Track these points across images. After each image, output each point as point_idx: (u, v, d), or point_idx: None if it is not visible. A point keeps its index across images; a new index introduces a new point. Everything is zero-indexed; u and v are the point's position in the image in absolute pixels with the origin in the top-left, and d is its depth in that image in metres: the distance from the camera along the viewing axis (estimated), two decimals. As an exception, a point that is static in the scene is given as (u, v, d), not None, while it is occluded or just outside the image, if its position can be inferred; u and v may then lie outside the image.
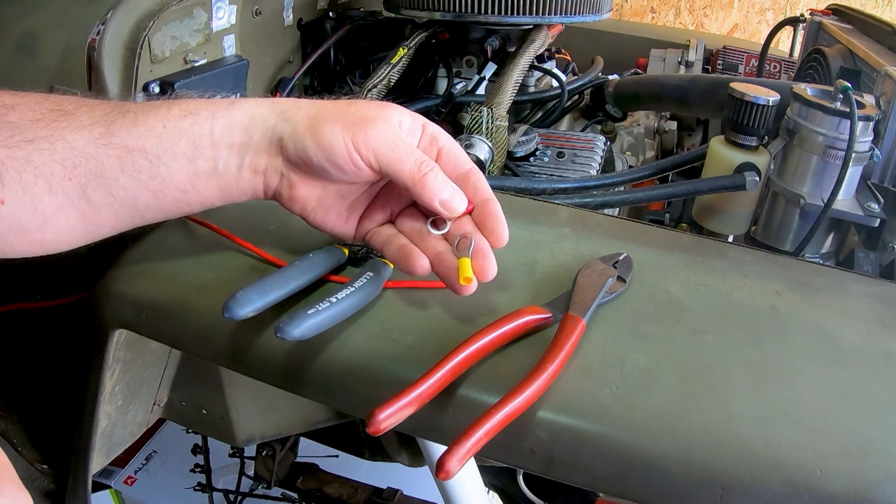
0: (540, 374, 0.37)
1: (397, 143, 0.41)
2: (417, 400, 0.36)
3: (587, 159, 0.80)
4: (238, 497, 1.05)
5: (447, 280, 0.41)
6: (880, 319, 0.46)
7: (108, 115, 0.40)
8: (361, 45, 0.98)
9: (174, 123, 0.41)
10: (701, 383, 0.40)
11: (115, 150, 0.40)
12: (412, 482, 1.04)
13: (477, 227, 0.42)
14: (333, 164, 0.41)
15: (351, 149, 0.40)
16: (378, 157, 0.41)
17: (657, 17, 2.40)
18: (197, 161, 0.41)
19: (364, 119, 0.41)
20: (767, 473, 0.35)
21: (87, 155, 0.39)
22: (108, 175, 0.40)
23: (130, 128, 0.40)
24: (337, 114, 0.41)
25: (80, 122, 0.40)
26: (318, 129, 0.41)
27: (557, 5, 0.82)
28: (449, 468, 0.33)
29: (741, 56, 1.10)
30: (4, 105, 0.39)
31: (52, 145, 0.38)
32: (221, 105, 0.42)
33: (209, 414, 0.63)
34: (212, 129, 0.41)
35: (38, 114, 0.39)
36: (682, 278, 0.49)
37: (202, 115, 0.41)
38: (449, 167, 0.43)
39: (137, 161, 0.40)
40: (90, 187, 0.40)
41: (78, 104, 0.41)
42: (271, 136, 0.42)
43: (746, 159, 0.65)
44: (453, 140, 0.44)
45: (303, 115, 0.42)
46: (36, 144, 0.38)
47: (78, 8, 0.64)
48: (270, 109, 0.42)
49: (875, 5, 2.24)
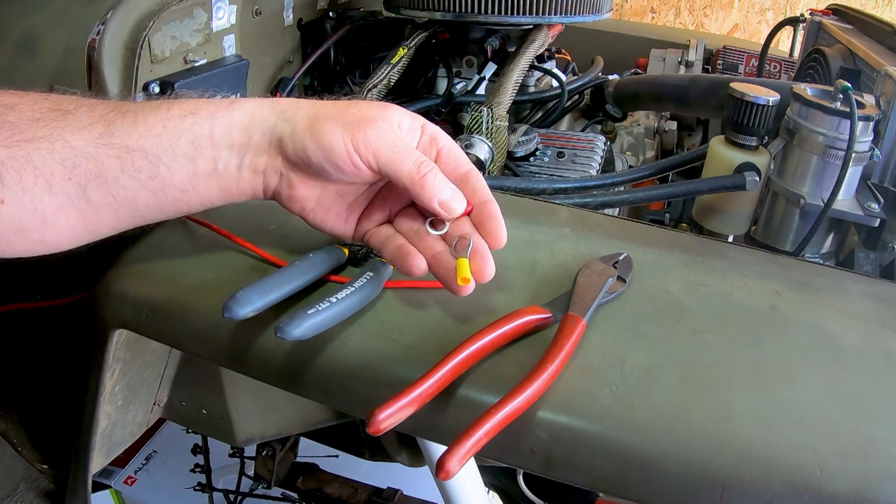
0: (540, 374, 0.37)
1: (397, 143, 0.41)
2: (417, 400, 0.36)
3: (587, 159, 0.80)
4: (238, 497, 1.05)
5: (444, 281, 0.41)
6: (880, 319, 0.46)
7: (107, 115, 0.40)
8: (361, 45, 0.98)
9: (174, 123, 0.41)
10: (701, 383, 0.40)
11: (115, 149, 0.39)
12: (412, 482, 1.04)
13: (475, 228, 0.42)
14: (332, 165, 0.41)
15: (350, 149, 0.40)
16: (377, 158, 0.41)
17: (657, 17, 2.40)
18: (197, 161, 0.41)
19: (364, 119, 0.41)
20: (767, 473, 0.35)
21: (87, 155, 0.39)
22: (108, 175, 0.39)
23: (130, 128, 0.40)
24: (337, 114, 0.41)
25: (79, 121, 0.40)
26: (318, 129, 0.41)
27: (557, 5, 0.82)
28: (449, 468, 0.33)
29: (741, 56, 1.10)
30: (4, 104, 0.39)
31: (52, 145, 0.38)
32: (221, 105, 0.42)
33: (209, 414, 0.63)
34: (212, 130, 0.41)
35: (37, 113, 0.39)
36: (682, 278, 0.49)
37: (202, 115, 0.41)
38: (448, 168, 0.43)
39: (137, 161, 0.40)
40: (90, 187, 0.39)
41: (78, 104, 0.41)
42: (271, 137, 0.42)
43: (746, 159, 0.65)
44: (453, 141, 0.44)
45: (302, 115, 0.42)
46: (36, 144, 0.38)
47: (78, 8, 0.64)
48: (270, 109, 0.42)
49: (875, 5, 2.24)
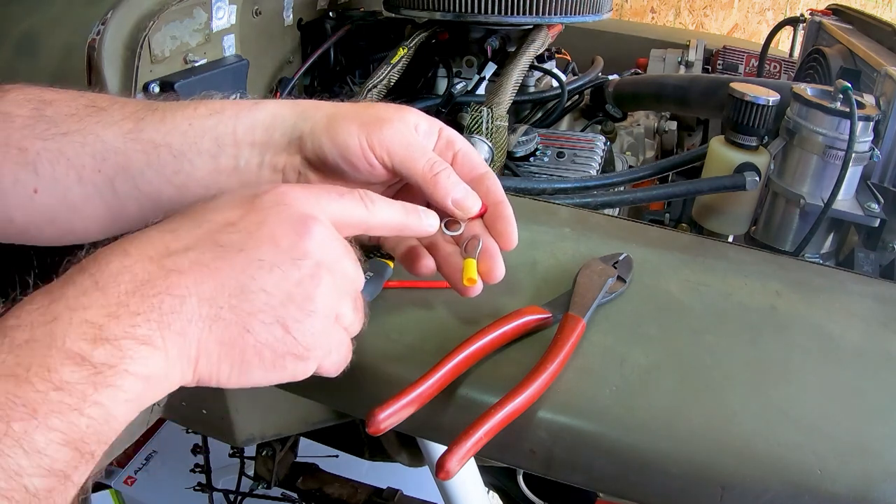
0: (540, 374, 0.37)
1: (411, 142, 0.42)
2: (417, 400, 0.36)
3: (587, 159, 0.80)
4: (238, 497, 1.06)
5: (451, 280, 0.42)
6: (880, 319, 0.46)
7: (137, 112, 0.42)
8: (361, 45, 0.98)
9: (199, 122, 0.42)
10: (701, 383, 0.40)
11: (143, 144, 0.41)
12: (412, 482, 1.04)
13: (486, 229, 0.43)
14: (347, 162, 0.41)
15: (365, 146, 0.41)
16: (392, 156, 0.41)
17: (657, 17, 2.40)
18: (219, 158, 0.42)
19: (380, 119, 0.42)
20: (767, 473, 0.35)
21: (116, 149, 0.41)
22: (135, 168, 0.41)
23: (158, 125, 0.42)
24: (354, 114, 0.42)
25: (111, 117, 0.41)
26: (335, 127, 0.42)
27: (557, 5, 0.82)
28: (449, 468, 0.33)
29: (741, 56, 1.10)
30: (44, 100, 0.42)
31: (84, 138, 0.40)
32: (245, 105, 0.43)
33: (209, 414, 0.63)
34: (235, 128, 0.42)
35: (73, 109, 0.41)
36: (682, 278, 0.49)
37: (226, 115, 0.42)
38: (464, 170, 0.43)
39: (163, 156, 0.41)
40: (117, 180, 0.41)
41: (111, 101, 0.43)
42: (291, 135, 0.43)
43: (746, 159, 0.65)
44: (469, 144, 0.45)
45: (322, 115, 0.43)
46: (70, 138, 0.40)
47: (78, 8, 0.63)
48: (291, 109, 0.43)
49: (875, 5, 2.24)
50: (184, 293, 0.31)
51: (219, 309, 0.31)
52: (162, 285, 0.30)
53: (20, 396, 0.26)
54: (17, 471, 0.25)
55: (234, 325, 0.32)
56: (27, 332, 0.28)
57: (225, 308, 0.32)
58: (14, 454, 0.25)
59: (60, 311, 0.28)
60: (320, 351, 0.34)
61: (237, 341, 0.32)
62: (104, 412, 0.28)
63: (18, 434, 0.26)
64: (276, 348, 0.33)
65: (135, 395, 0.29)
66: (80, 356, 0.28)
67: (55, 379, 0.27)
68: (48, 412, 0.26)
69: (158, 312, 0.30)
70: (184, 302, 0.31)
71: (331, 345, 0.35)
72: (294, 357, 0.33)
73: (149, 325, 0.30)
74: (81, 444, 0.27)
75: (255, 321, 0.32)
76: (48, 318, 0.28)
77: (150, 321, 0.30)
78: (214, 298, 0.31)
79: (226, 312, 0.32)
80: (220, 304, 0.31)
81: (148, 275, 0.30)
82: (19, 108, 0.41)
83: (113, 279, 0.30)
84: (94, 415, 0.28)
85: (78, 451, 0.27)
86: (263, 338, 0.32)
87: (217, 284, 0.31)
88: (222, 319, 0.32)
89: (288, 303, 0.33)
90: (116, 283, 0.30)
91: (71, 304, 0.29)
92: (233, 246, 0.32)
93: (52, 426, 0.26)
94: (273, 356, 0.33)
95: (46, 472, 0.26)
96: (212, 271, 0.31)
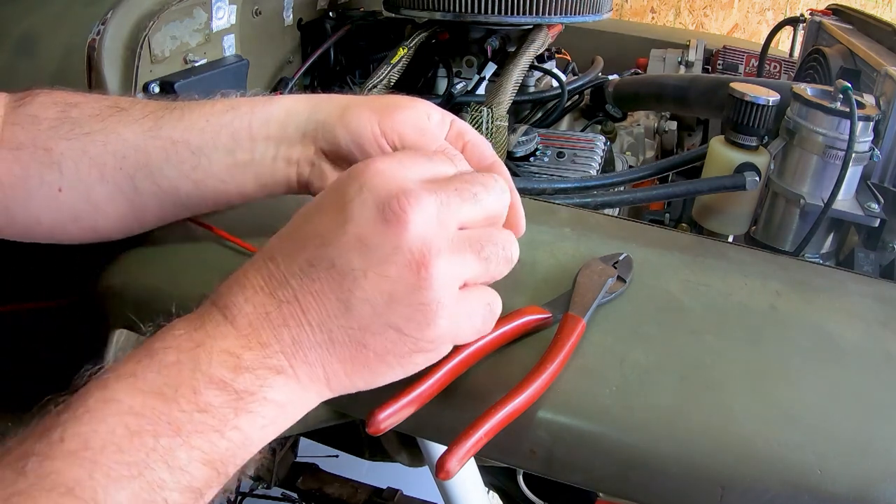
0: (540, 374, 0.37)
1: (423, 128, 0.42)
2: (417, 400, 0.36)
3: (587, 159, 0.80)
4: (238, 497, 1.05)
5: None
6: (880, 319, 0.46)
7: (157, 111, 0.43)
8: (361, 45, 0.98)
9: (216, 118, 0.43)
10: (701, 383, 0.40)
11: (162, 141, 0.42)
12: (412, 482, 1.04)
13: None
14: (360, 148, 0.42)
15: (377, 132, 0.41)
16: (403, 142, 0.42)
17: (657, 17, 2.40)
18: (235, 153, 0.43)
19: (392, 106, 0.42)
20: (767, 473, 0.35)
21: (137, 146, 0.42)
22: (154, 165, 0.42)
23: (176, 122, 0.43)
24: (367, 103, 0.43)
25: (132, 116, 0.43)
26: (348, 115, 0.42)
27: (557, 5, 0.82)
28: (449, 468, 0.33)
29: (741, 56, 1.10)
30: (70, 103, 0.43)
31: (107, 137, 0.42)
32: (260, 101, 0.44)
33: (209, 414, 0.63)
34: (250, 123, 0.43)
35: (96, 110, 0.43)
36: (682, 278, 0.49)
37: (242, 111, 0.43)
38: (474, 159, 0.44)
39: (181, 152, 0.42)
40: (138, 177, 0.42)
41: (133, 102, 0.44)
42: (305, 127, 0.43)
43: (746, 159, 0.65)
44: (479, 135, 0.45)
45: (335, 106, 0.43)
46: (92, 137, 0.42)
47: (78, 8, 0.63)
48: (305, 102, 0.44)
49: (875, 5, 2.24)
50: (299, 322, 0.31)
51: (329, 332, 0.31)
52: (279, 318, 0.31)
53: (166, 414, 0.27)
54: (159, 484, 0.26)
55: (350, 344, 0.32)
56: (174, 355, 0.29)
57: (335, 330, 0.31)
58: (158, 468, 0.27)
59: (202, 338, 0.30)
60: (446, 334, 0.33)
61: (358, 357, 0.32)
62: (243, 436, 0.29)
63: (164, 450, 0.27)
64: (396, 351, 0.32)
65: (270, 421, 0.31)
66: (223, 381, 0.29)
67: (200, 401, 0.28)
68: (191, 431, 0.28)
69: (282, 344, 0.31)
70: (301, 331, 0.31)
71: (458, 321, 0.33)
72: (418, 352, 0.33)
73: (278, 356, 0.31)
74: (220, 464, 0.29)
75: (367, 334, 0.32)
76: (193, 345, 0.30)
77: (278, 353, 0.31)
78: (323, 323, 0.31)
79: (337, 334, 0.31)
80: (330, 328, 0.31)
81: (265, 308, 0.31)
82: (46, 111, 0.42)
83: (239, 310, 0.31)
84: (233, 438, 0.29)
85: (215, 471, 0.28)
86: (381, 347, 0.32)
87: (321, 309, 0.31)
88: (337, 342, 0.32)
89: (393, 303, 0.31)
90: (243, 315, 0.31)
91: (210, 333, 0.30)
92: (323, 263, 0.31)
93: (195, 445, 0.28)
94: (397, 358, 0.33)
95: (185, 488, 0.27)
96: (314, 296, 0.31)
